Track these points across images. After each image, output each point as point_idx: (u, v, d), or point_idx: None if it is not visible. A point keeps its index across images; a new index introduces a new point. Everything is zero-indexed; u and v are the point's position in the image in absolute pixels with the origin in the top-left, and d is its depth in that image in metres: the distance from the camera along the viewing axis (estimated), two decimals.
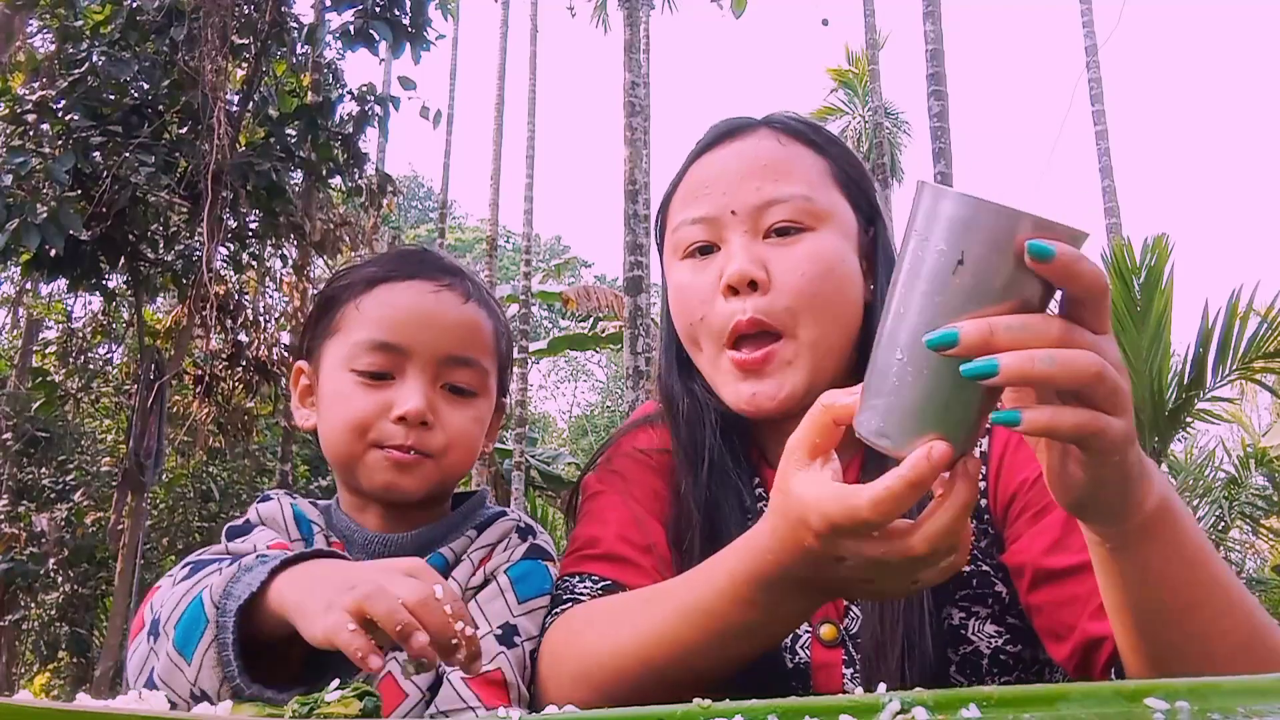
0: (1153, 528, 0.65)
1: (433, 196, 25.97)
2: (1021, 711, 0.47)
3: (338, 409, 0.95)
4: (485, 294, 1.02)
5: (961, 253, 0.57)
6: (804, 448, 0.67)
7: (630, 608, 0.83)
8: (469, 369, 0.96)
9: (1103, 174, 10.88)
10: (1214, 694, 0.46)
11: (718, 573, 0.75)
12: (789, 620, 0.77)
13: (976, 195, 0.58)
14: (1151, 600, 0.67)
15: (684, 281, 0.97)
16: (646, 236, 8.02)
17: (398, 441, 0.92)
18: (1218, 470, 6.33)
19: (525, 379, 12.46)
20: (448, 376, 0.95)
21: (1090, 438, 0.58)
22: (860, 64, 15.66)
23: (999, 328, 0.56)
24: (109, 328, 8.21)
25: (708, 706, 0.52)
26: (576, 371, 28.64)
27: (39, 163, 5.54)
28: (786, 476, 0.67)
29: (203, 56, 5.82)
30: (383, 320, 0.95)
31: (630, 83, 7.76)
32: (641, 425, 1.10)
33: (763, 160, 0.95)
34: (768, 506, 0.71)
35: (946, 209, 0.58)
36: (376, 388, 0.94)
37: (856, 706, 0.50)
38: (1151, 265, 5.07)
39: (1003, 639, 0.91)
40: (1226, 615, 0.67)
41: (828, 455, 0.67)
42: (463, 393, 0.96)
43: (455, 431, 0.95)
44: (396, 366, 0.94)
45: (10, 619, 8.79)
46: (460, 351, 0.96)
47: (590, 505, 1.03)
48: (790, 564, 0.68)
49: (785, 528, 0.67)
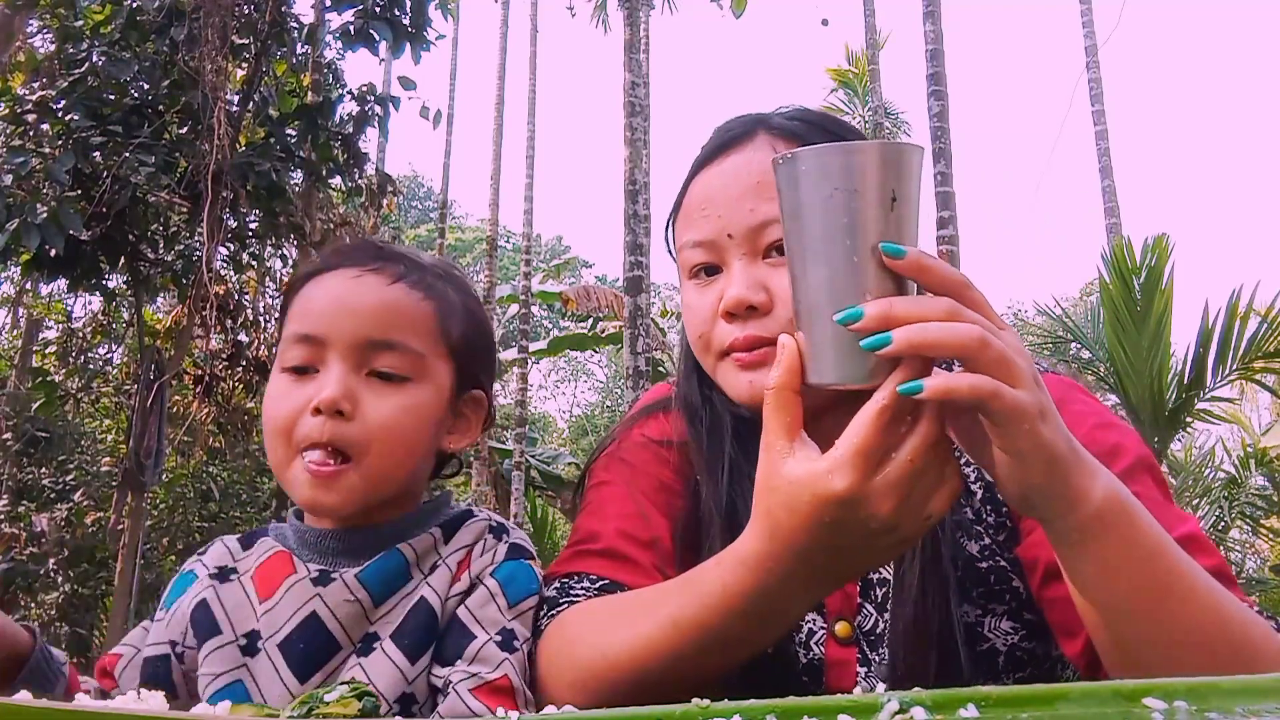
0: (1105, 521, 0.66)
1: (433, 196, 25.97)
2: (1020, 711, 0.47)
3: (268, 412, 0.91)
4: (433, 277, 0.96)
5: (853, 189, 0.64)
6: (778, 433, 0.68)
7: (623, 616, 0.82)
8: (393, 353, 0.90)
9: (1103, 174, 10.88)
10: (1212, 694, 0.46)
11: (708, 586, 0.74)
12: (787, 622, 0.77)
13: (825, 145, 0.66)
14: (1113, 596, 0.68)
15: (691, 301, 0.97)
16: (647, 237, 8.02)
17: (314, 438, 0.87)
18: (1218, 470, 6.33)
19: (525, 379, 12.44)
20: (371, 363, 0.90)
21: (988, 400, 0.62)
22: (860, 64, 15.64)
23: (896, 306, 0.63)
24: (109, 328, 8.21)
25: (706, 706, 0.52)
26: (576, 371, 28.65)
27: (39, 163, 5.54)
28: (774, 470, 0.67)
29: (203, 56, 5.82)
30: (304, 313, 0.91)
31: (630, 83, 7.76)
32: (653, 413, 1.08)
33: (755, 176, 0.93)
34: (753, 515, 0.70)
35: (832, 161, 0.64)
36: (301, 383, 0.90)
37: (855, 706, 0.50)
38: (1152, 265, 5.07)
39: (1018, 635, 0.91)
40: (1190, 605, 0.68)
41: (801, 435, 0.68)
42: (390, 378, 0.90)
43: (377, 422, 0.88)
44: (317, 358, 0.90)
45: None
46: (380, 335, 0.90)
47: (593, 495, 1.02)
48: (796, 561, 0.68)
49: (791, 520, 0.66)
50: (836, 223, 0.64)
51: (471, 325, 0.98)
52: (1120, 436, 0.90)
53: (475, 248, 24.24)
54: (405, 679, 0.85)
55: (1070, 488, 0.65)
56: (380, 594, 0.88)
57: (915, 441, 0.64)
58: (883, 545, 0.68)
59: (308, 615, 0.87)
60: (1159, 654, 0.68)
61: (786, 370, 0.67)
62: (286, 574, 0.90)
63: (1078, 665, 0.84)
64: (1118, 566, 0.67)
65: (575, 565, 0.95)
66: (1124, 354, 5.17)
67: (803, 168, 0.65)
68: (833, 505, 0.64)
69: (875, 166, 0.64)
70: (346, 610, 0.87)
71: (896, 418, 0.64)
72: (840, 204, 0.63)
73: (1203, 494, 5.95)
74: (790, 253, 0.67)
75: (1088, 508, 0.66)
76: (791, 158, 0.66)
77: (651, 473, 1.02)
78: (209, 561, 0.96)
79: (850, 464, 0.63)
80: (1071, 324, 6.17)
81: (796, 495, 0.66)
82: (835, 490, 0.64)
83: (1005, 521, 0.93)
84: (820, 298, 0.65)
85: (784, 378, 0.67)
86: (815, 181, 0.64)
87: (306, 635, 0.86)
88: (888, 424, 0.64)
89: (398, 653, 0.86)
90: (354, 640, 0.87)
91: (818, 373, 0.66)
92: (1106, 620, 0.70)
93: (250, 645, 0.88)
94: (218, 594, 0.92)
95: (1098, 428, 0.90)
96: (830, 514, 0.65)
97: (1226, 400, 5.77)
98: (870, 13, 12.39)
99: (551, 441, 22.92)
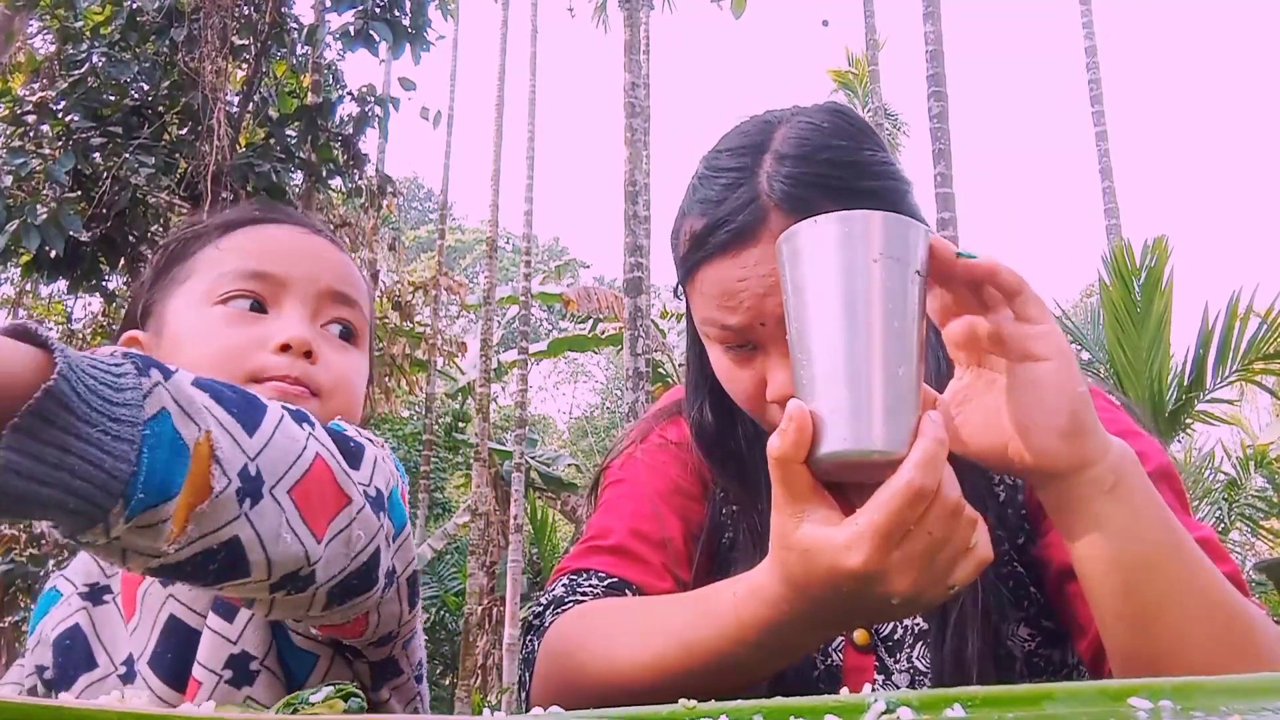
0: (1129, 462, 0.67)
1: (433, 197, 26.01)
2: (1006, 711, 0.47)
3: (200, 344, 0.79)
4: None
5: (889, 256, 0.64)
6: (788, 499, 0.65)
7: (633, 627, 0.80)
8: (351, 308, 0.86)
9: (1103, 175, 10.87)
10: (1198, 693, 0.46)
11: (723, 614, 0.72)
12: (803, 653, 0.77)
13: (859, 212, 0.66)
14: (1143, 546, 0.67)
15: (728, 374, 0.92)
16: (647, 238, 8.02)
17: (281, 372, 0.78)
18: (1217, 472, 6.33)
19: (525, 380, 12.44)
20: (330, 313, 0.85)
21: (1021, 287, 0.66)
22: (860, 65, 15.67)
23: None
24: (109, 328, 8.21)
25: (693, 707, 0.52)
26: (576, 373, 28.66)
27: (39, 164, 5.55)
28: (787, 531, 0.65)
29: (203, 57, 5.83)
30: (255, 251, 0.83)
31: (630, 83, 7.77)
32: (675, 415, 1.06)
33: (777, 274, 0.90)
34: (770, 558, 0.68)
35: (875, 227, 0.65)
36: (248, 321, 0.81)
37: (842, 707, 0.50)
38: (1152, 266, 5.07)
39: (1035, 642, 0.90)
40: (1204, 571, 0.69)
41: (817, 497, 0.65)
42: (346, 334, 0.86)
43: (339, 372, 0.83)
44: (272, 297, 0.82)
45: (10, 620, 8.79)
46: (342, 287, 0.85)
47: (608, 494, 1.02)
48: (812, 607, 0.67)
49: (807, 579, 0.65)
50: (874, 288, 0.63)
51: (372, 313, 0.95)
52: (1144, 445, 0.87)
53: (475, 249, 24.26)
54: (229, 641, 0.75)
55: (1098, 424, 0.67)
56: None
57: (937, 511, 0.62)
58: (902, 611, 0.66)
59: (166, 620, 0.77)
60: (1175, 622, 0.67)
61: (794, 443, 0.63)
62: (138, 583, 0.80)
63: (1084, 662, 0.83)
64: (1146, 512, 0.67)
65: (584, 561, 0.94)
66: (1124, 356, 5.17)
67: (845, 229, 0.64)
68: (848, 579, 0.63)
69: (921, 241, 0.65)
70: (202, 597, 0.77)
71: (922, 495, 0.61)
72: (883, 270, 0.63)
73: (1203, 496, 5.95)
74: (805, 319, 0.65)
75: (1115, 449, 0.67)
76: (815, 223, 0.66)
77: (668, 474, 1.01)
78: (76, 578, 0.84)
79: (869, 541, 0.61)
80: (1072, 325, 6.17)
81: (812, 561, 0.64)
82: (851, 567, 0.62)
83: (1024, 524, 0.92)
84: (851, 362, 0.63)
85: (790, 449, 0.63)
86: (855, 247, 0.64)
87: (171, 642, 0.77)
88: (913, 502, 0.61)
89: (218, 620, 0.76)
90: None
91: (833, 441, 0.63)
92: (1133, 580, 0.68)
93: (130, 672, 0.78)
94: (91, 618, 0.81)
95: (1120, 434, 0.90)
96: (847, 586, 0.63)
97: (1226, 402, 5.76)
98: (870, 14, 12.39)
99: (551, 443, 22.91)
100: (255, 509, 0.51)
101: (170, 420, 0.48)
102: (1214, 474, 6.31)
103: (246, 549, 0.51)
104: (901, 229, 0.65)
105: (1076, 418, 0.66)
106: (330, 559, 0.57)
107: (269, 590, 0.56)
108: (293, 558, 0.54)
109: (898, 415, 0.62)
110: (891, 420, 0.62)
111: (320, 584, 0.58)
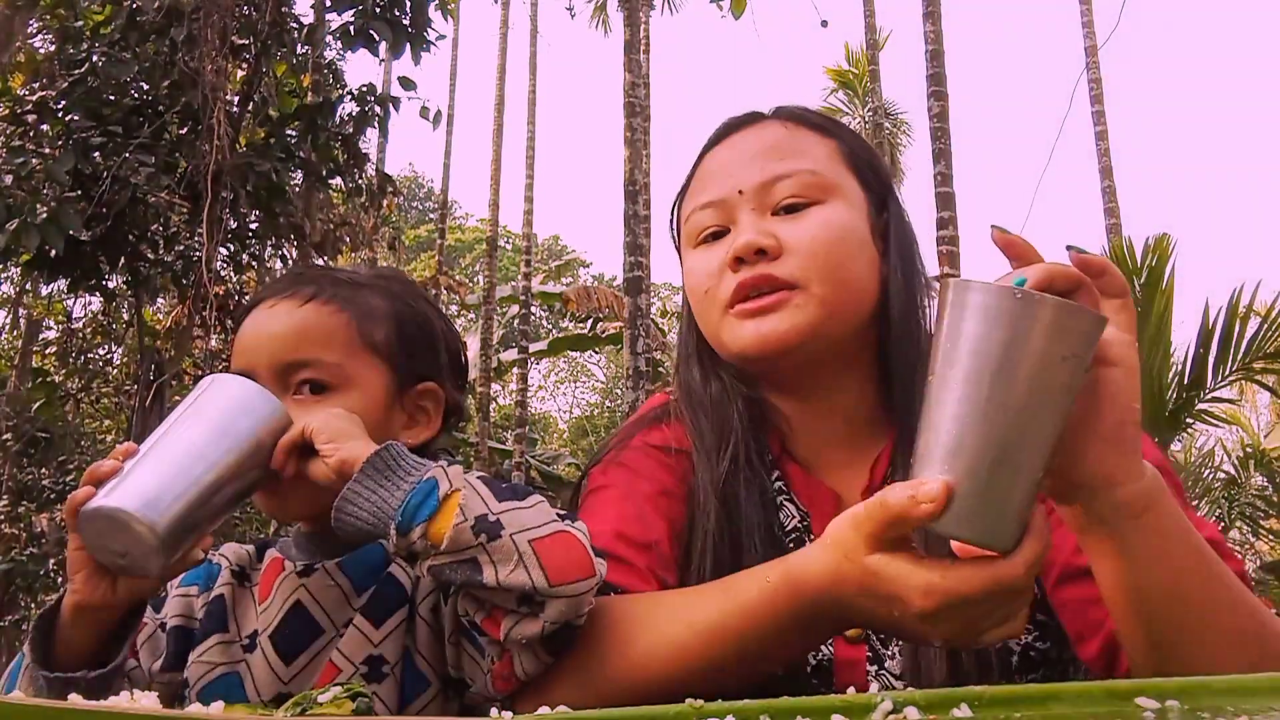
0: (1158, 488, 0.67)
1: (433, 197, 25.97)
2: (1013, 711, 0.47)
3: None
4: (351, 289, 0.99)
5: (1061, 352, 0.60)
6: (875, 533, 0.65)
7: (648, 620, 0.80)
8: (309, 368, 0.95)
9: (1102, 174, 10.87)
10: (1204, 693, 0.46)
11: (755, 604, 0.73)
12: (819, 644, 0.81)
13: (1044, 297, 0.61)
14: (1168, 574, 0.68)
15: (695, 265, 0.98)
16: (646, 237, 8.02)
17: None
18: (1217, 471, 6.33)
19: (525, 379, 12.44)
20: (293, 379, 0.94)
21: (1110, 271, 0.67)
22: (860, 64, 15.65)
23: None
24: (109, 328, 8.21)
25: (700, 706, 0.52)
26: (576, 372, 28.65)
27: (39, 163, 5.54)
28: (858, 550, 0.66)
29: (203, 57, 5.82)
30: (237, 351, 0.98)
31: (630, 83, 7.77)
32: (654, 422, 1.06)
33: (769, 142, 0.98)
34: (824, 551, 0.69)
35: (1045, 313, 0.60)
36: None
37: (849, 706, 0.50)
38: (1152, 265, 5.05)
39: (1031, 636, 0.90)
40: (1233, 590, 0.69)
41: (903, 539, 0.66)
42: (319, 390, 0.94)
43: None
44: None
45: (10, 619, 8.79)
46: (292, 355, 0.94)
47: (591, 499, 1.01)
48: (850, 612, 0.69)
49: (859, 592, 0.67)
50: (1055, 386, 0.60)
51: (401, 324, 1.01)
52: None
53: (475, 248, 24.26)
54: (371, 643, 0.90)
55: (1140, 448, 0.67)
56: (360, 580, 0.94)
57: (1012, 595, 0.64)
58: (935, 640, 0.69)
59: (294, 604, 0.94)
60: (1204, 648, 0.67)
61: (927, 515, 0.62)
62: (278, 573, 0.98)
63: (1095, 668, 0.83)
64: (1174, 538, 0.67)
65: None
66: None
67: (1051, 318, 0.60)
68: (903, 612, 0.65)
69: (1099, 336, 0.62)
70: (328, 596, 0.94)
71: (1016, 592, 0.63)
72: (1069, 370, 0.60)
73: (1203, 495, 5.95)
74: (966, 385, 0.61)
75: (1147, 473, 0.67)
76: (1029, 300, 0.60)
77: (653, 477, 1.00)
78: (231, 558, 1.03)
79: (942, 599, 0.63)
80: None
81: (876, 580, 0.66)
82: (914, 610, 0.64)
83: None
84: (1005, 454, 0.61)
85: (918, 519, 0.62)
86: (1052, 337, 0.60)
87: (292, 622, 0.94)
88: (1006, 594, 0.63)
89: (365, 623, 0.92)
90: (338, 626, 0.93)
91: (958, 525, 0.61)
92: (1161, 610, 0.68)
93: (251, 643, 0.95)
94: (234, 594, 1.00)
95: None
96: (898, 611, 0.65)
97: (1227, 401, 5.76)
98: (870, 13, 12.38)
99: (551, 442, 22.93)
100: (493, 543, 0.74)
101: (435, 483, 0.77)
102: (1214, 473, 6.30)
103: (482, 566, 0.74)
104: (1096, 327, 0.62)
105: (1123, 430, 0.66)
106: (562, 607, 0.75)
107: (516, 603, 0.75)
108: (519, 584, 0.73)
109: (1024, 516, 0.62)
110: (1018, 522, 0.62)
111: (547, 619, 0.75)
